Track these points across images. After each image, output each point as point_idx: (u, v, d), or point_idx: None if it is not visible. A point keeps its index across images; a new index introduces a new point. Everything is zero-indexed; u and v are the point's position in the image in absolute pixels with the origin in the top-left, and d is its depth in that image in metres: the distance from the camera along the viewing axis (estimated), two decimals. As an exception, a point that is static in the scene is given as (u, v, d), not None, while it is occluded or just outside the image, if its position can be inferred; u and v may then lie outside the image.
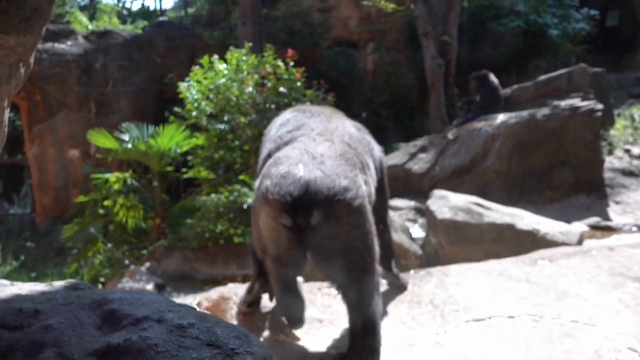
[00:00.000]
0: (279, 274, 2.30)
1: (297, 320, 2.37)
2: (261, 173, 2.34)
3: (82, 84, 12.12)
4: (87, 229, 8.25)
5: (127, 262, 7.41)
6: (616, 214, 6.47)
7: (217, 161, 8.26)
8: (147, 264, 6.97)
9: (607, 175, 7.10)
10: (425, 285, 3.23)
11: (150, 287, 5.90)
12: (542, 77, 8.31)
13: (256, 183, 2.38)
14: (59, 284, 1.43)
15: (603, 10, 14.38)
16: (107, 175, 8.41)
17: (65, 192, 12.05)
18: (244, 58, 7.94)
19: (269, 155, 2.42)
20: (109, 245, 7.99)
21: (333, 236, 2.09)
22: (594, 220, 6.26)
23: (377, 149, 2.70)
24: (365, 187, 2.23)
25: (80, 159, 11.74)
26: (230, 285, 3.49)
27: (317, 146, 2.25)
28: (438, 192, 5.27)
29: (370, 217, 2.24)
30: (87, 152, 11.77)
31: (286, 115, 2.72)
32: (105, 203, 8.29)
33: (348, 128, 2.52)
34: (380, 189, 2.62)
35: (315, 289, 3.38)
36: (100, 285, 7.46)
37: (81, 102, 12.16)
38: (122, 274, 6.99)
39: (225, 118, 7.97)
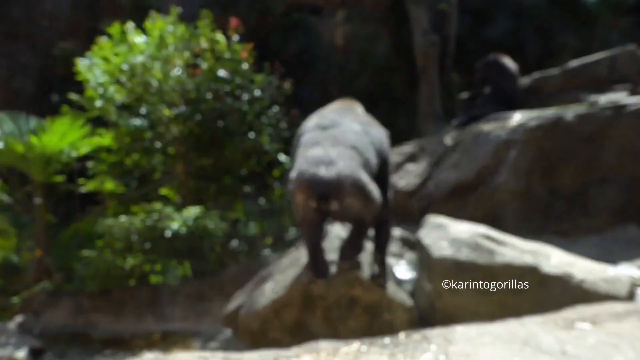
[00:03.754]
0: (308, 237, 4.02)
1: (323, 273, 4.02)
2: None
3: None
4: None
5: (-13, 315, 7.18)
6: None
7: (129, 169, 8.23)
8: (20, 318, 6.75)
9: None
10: (421, 357, 3.19)
11: (22, 354, 5.62)
12: (574, 63, 8.47)
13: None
14: None
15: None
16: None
17: None
18: (171, 28, 7.88)
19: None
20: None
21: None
22: (650, 261, 6.35)
23: (378, 134, 4.41)
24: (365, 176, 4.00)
25: None
26: (148, 357, 3.31)
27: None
28: (433, 219, 5.24)
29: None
30: None
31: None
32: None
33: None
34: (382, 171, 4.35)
35: (272, 358, 3.31)
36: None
37: None
38: (-23, 333, 6.73)
39: (143, 110, 7.94)
